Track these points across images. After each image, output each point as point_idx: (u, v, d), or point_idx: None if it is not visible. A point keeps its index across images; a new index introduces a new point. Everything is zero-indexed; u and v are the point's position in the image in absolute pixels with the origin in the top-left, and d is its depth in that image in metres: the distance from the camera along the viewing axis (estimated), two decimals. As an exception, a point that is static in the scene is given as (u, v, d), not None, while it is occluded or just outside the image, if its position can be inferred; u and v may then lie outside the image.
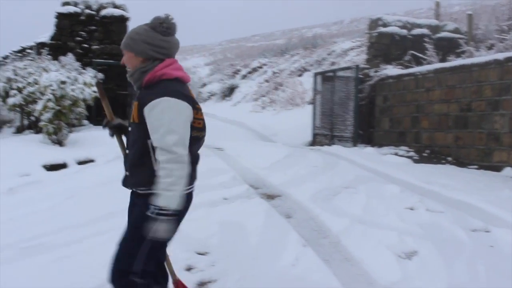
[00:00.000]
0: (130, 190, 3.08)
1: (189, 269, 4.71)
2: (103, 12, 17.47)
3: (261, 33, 68.76)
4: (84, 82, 12.69)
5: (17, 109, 13.61)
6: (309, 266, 4.74)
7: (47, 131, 11.15)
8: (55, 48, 16.75)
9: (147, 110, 2.72)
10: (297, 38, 47.08)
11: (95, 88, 12.74)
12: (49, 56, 15.86)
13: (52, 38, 17.17)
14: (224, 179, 8.89)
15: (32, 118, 13.47)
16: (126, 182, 3.02)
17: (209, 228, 5.95)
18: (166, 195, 2.65)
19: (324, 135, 17.35)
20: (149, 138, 2.77)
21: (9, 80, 13.51)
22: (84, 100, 12.26)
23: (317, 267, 4.74)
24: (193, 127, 2.84)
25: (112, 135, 3.26)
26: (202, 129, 2.99)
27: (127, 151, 3.03)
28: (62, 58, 15.47)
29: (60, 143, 11.25)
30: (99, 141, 11.69)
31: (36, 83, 12.72)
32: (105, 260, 4.90)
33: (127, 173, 2.99)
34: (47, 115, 11.10)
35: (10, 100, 12.99)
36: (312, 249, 5.24)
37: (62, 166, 10.12)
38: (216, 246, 5.33)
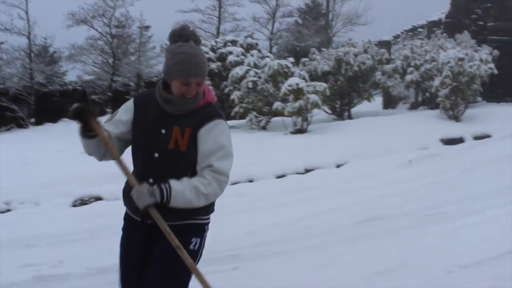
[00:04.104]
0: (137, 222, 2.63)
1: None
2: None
3: None
4: (480, 59, 12.61)
5: (413, 85, 14.35)
6: None
7: (443, 107, 11.56)
8: (450, 26, 17.03)
9: (205, 130, 2.50)
10: None
11: (490, 65, 12.62)
12: (443, 34, 16.15)
13: (447, 16, 17.47)
14: None
15: (427, 94, 14.00)
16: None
17: None
18: (186, 197, 2.41)
19: None
20: (192, 167, 2.53)
21: (406, 58, 14.37)
22: (480, 77, 12.18)
23: None
24: None
25: (73, 115, 2.44)
26: None
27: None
28: (457, 35, 15.59)
29: (456, 118, 11.58)
30: (495, 117, 11.67)
31: (433, 61, 13.19)
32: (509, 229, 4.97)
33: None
34: (444, 91, 11.49)
35: (408, 77, 13.79)
36: None
37: (459, 140, 10.49)
38: None
